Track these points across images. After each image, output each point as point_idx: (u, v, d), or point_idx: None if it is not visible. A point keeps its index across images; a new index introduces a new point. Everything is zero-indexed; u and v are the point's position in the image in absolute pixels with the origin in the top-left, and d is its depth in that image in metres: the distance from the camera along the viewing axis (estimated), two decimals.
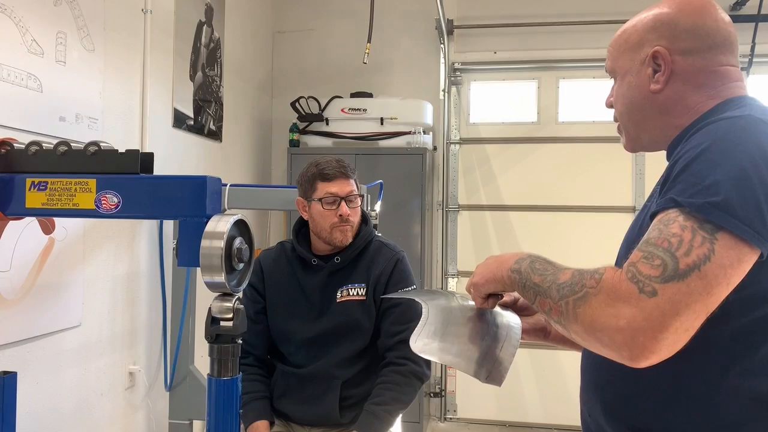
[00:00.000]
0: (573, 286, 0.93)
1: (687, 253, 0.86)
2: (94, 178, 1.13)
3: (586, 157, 4.22)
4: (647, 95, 1.11)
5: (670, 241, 0.88)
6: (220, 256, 1.03)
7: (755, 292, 0.93)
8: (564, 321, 0.94)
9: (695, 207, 0.89)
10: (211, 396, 1.08)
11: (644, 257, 0.88)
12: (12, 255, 1.99)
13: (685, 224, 0.88)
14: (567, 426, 4.03)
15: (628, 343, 0.86)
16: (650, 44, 1.10)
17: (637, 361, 0.87)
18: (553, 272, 1.00)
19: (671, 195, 0.92)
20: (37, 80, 2.10)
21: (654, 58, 1.09)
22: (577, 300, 0.91)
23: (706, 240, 0.86)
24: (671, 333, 0.84)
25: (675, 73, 1.08)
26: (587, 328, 0.90)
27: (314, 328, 2.01)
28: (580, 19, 4.12)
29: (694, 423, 0.99)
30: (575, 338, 0.95)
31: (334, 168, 1.97)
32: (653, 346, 0.84)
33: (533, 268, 1.04)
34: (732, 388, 0.96)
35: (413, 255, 3.68)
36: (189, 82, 3.21)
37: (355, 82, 4.24)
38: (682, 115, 1.09)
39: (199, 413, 2.82)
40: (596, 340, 0.90)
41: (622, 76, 1.16)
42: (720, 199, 0.87)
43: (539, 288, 1.00)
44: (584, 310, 0.90)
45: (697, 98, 1.08)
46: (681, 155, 0.97)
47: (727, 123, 0.98)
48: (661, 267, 0.86)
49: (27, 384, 2.08)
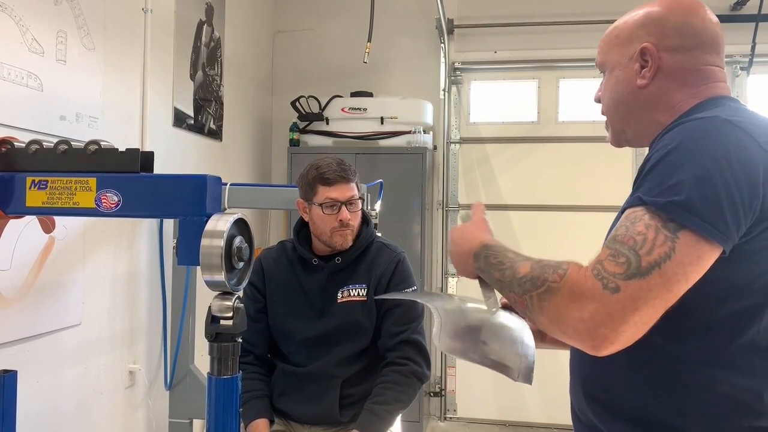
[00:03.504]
0: (534, 281, 0.99)
1: (649, 252, 0.91)
2: (94, 176, 1.13)
3: (587, 156, 4.22)
4: (633, 90, 1.15)
5: (635, 239, 0.93)
6: (220, 255, 1.03)
7: (726, 287, 0.98)
8: (530, 313, 1.01)
9: (659, 206, 0.94)
10: (211, 395, 1.08)
11: (611, 255, 0.93)
12: (12, 254, 1.99)
13: (649, 223, 0.94)
14: (567, 426, 4.01)
15: (591, 334, 0.92)
16: (639, 40, 1.13)
17: (598, 351, 0.93)
18: (510, 266, 1.06)
19: (638, 193, 0.97)
20: (38, 79, 2.10)
21: (642, 54, 1.13)
22: (542, 294, 0.97)
23: (668, 239, 0.92)
24: (630, 326, 0.90)
25: (661, 69, 1.12)
26: (552, 320, 0.97)
27: (315, 328, 2.01)
28: (580, 19, 4.12)
29: (675, 412, 1.02)
30: (542, 328, 1.02)
31: (335, 172, 1.96)
32: (613, 337, 0.91)
33: (490, 264, 1.10)
34: (707, 381, 1.00)
35: (413, 254, 3.67)
36: (189, 82, 3.21)
37: (355, 82, 4.24)
38: (665, 112, 1.12)
39: (199, 412, 2.82)
40: (561, 331, 0.96)
41: (611, 70, 1.19)
42: (682, 198, 0.92)
43: (502, 283, 1.07)
44: (549, 304, 0.96)
45: (680, 96, 1.12)
46: (652, 154, 1.02)
47: (694, 124, 1.02)
48: (625, 265, 0.91)
49: (27, 383, 2.08)
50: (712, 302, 0.98)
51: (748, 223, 0.94)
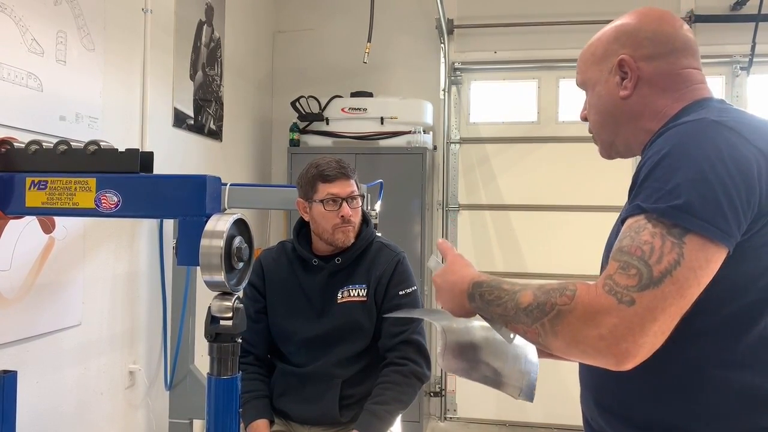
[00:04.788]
0: (542, 307, 0.97)
1: (659, 260, 0.91)
2: (93, 177, 1.13)
3: (586, 156, 4.19)
4: (617, 102, 1.17)
5: (642, 249, 0.92)
6: (219, 255, 1.03)
7: (728, 286, 0.97)
8: (543, 341, 0.98)
9: (660, 212, 0.94)
10: (211, 395, 1.08)
11: (620, 268, 0.93)
12: (12, 254, 1.99)
13: (654, 231, 0.93)
14: (567, 425, 4.03)
15: (612, 350, 0.91)
16: (615, 54, 1.16)
17: (621, 365, 0.92)
18: (510, 298, 1.03)
19: (637, 201, 0.97)
20: (38, 79, 2.10)
21: (620, 66, 1.15)
22: (553, 319, 0.96)
23: (675, 245, 0.91)
24: (650, 336, 0.90)
25: (641, 78, 1.14)
26: (570, 342, 0.95)
27: (315, 329, 2.01)
28: (580, 19, 4.11)
29: (686, 415, 1.02)
30: (557, 353, 1.00)
31: (335, 169, 1.97)
32: (635, 350, 0.90)
33: (488, 301, 1.08)
34: (717, 380, 1.00)
35: (413, 254, 3.67)
36: (189, 82, 3.21)
37: (355, 82, 4.24)
38: (652, 119, 1.14)
39: (199, 412, 2.82)
40: (581, 351, 0.95)
41: (592, 87, 1.22)
42: (682, 202, 0.92)
43: (506, 317, 1.04)
44: (563, 328, 0.95)
45: (664, 101, 1.14)
46: (645, 161, 1.02)
47: (684, 128, 1.03)
48: (637, 276, 0.91)
49: (27, 383, 2.08)
50: (718, 302, 0.98)
51: (748, 220, 0.95)
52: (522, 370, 1.11)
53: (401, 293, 2.01)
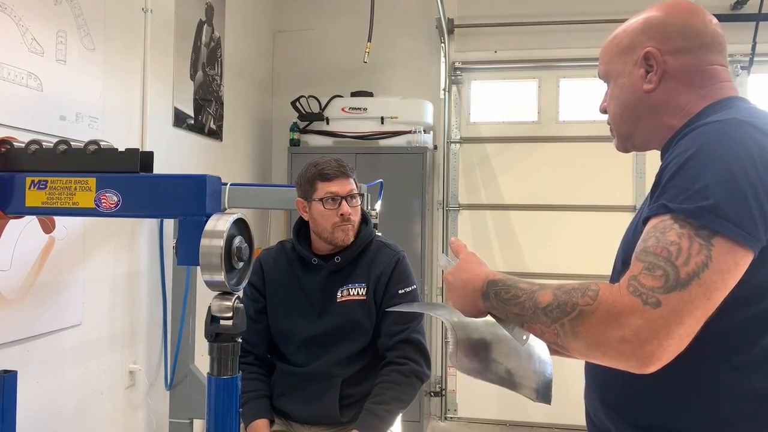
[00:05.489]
0: (563, 307, 0.95)
1: (686, 262, 0.88)
2: (93, 176, 1.13)
3: (587, 156, 4.22)
4: (640, 95, 1.14)
5: (669, 250, 0.90)
6: (219, 255, 1.03)
7: (747, 290, 0.95)
8: (562, 341, 0.96)
9: (688, 212, 0.91)
10: (211, 395, 1.08)
11: (645, 268, 0.90)
12: (12, 254, 1.99)
13: (681, 231, 0.90)
14: (568, 425, 4.03)
15: (636, 352, 0.88)
16: (641, 46, 1.13)
17: (644, 369, 0.90)
18: (528, 297, 1.01)
19: (663, 201, 0.94)
20: (38, 79, 2.10)
21: (646, 59, 1.12)
22: (574, 320, 0.93)
23: (703, 247, 0.89)
24: (676, 339, 0.87)
25: (667, 72, 1.11)
26: (591, 344, 0.92)
27: (314, 328, 2.01)
28: (580, 19, 4.12)
29: (694, 420, 1.00)
30: (576, 355, 0.97)
31: (334, 168, 1.97)
32: (660, 353, 0.88)
33: (504, 300, 1.05)
34: (728, 385, 0.98)
35: (413, 254, 3.68)
36: (189, 81, 3.21)
37: (355, 82, 4.24)
38: (674, 115, 1.12)
39: (199, 412, 2.82)
40: (602, 354, 0.92)
41: (615, 79, 1.18)
42: (711, 203, 0.90)
43: (523, 317, 1.01)
44: (585, 329, 0.92)
45: (688, 97, 1.11)
46: (670, 161, 0.99)
47: (712, 127, 1.00)
48: (663, 278, 0.88)
49: (27, 383, 2.08)
50: (737, 305, 0.95)
51: None
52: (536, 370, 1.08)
53: (401, 292, 2.01)
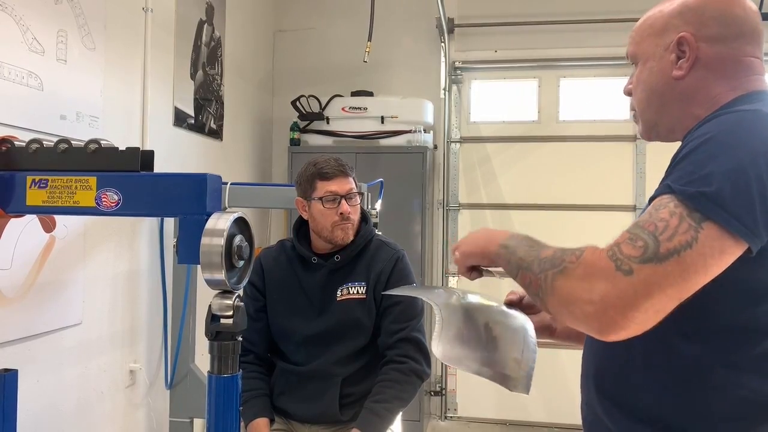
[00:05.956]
0: (554, 261, 0.96)
1: (670, 238, 0.88)
2: (94, 175, 1.13)
3: (587, 155, 4.22)
4: (669, 81, 1.10)
5: (656, 225, 0.90)
6: (220, 254, 1.03)
7: (753, 288, 0.94)
8: (542, 294, 0.97)
9: (687, 195, 0.90)
10: (211, 393, 1.08)
11: (629, 238, 0.90)
12: (13, 253, 2.00)
13: (674, 210, 0.90)
14: (568, 425, 4.03)
15: (599, 316, 0.89)
16: (676, 30, 1.08)
17: (605, 335, 0.90)
18: (539, 249, 1.02)
19: (668, 181, 0.94)
20: (38, 78, 2.11)
21: (679, 44, 1.08)
22: (556, 273, 0.94)
23: (691, 228, 0.88)
24: (641, 312, 0.87)
25: (699, 60, 1.07)
26: (562, 300, 0.93)
27: (314, 327, 2.01)
28: (580, 18, 4.12)
29: (688, 414, 0.99)
30: (551, 311, 0.98)
31: (333, 167, 1.98)
32: (622, 322, 0.87)
33: (521, 244, 1.06)
34: (725, 383, 0.97)
35: (414, 254, 3.68)
36: (190, 81, 3.21)
37: (355, 81, 4.24)
38: (702, 105, 1.07)
39: (199, 411, 2.82)
40: (569, 312, 0.93)
41: (644, 62, 1.14)
42: (712, 190, 0.88)
43: (522, 262, 1.03)
44: (561, 283, 0.93)
45: (719, 88, 1.07)
46: (687, 143, 0.97)
47: (735, 116, 0.98)
48: (642, 248, 0.88)
49: (28, 382, 2.08)
50: (737, 304, 0.95)
51: None
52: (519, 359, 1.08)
53: None
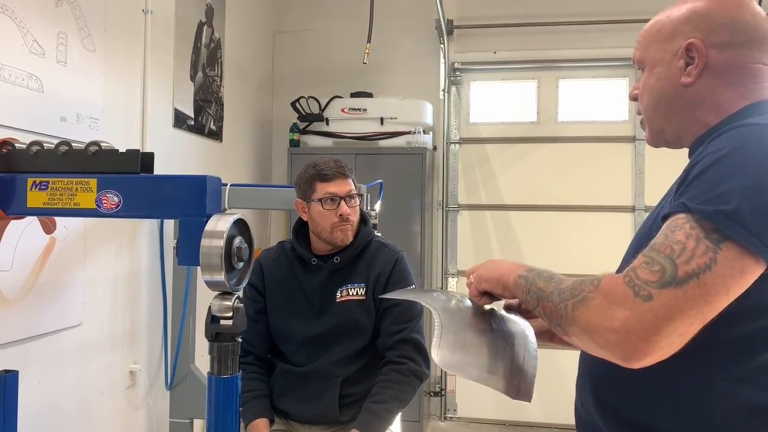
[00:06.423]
0: (573, 291, 0.96)
1: (687, 261, 0.87)
2: (94, 177, 1.14)
3: (586, 156, 4.22)
4: (677, 88, 1.08)
5: (672, 248, 0.88)
6: (219, 255, 1.04)
7: (759, 302, 0.93)
8: (563, 323, 0.97)
9: (705, 214, 0.88)
10: (211, 394, 1.08)
11: (645, 263, 0.89)
12: (13, 254, 2.00)
13: (690, 232, 0.88)
14: (567, 425, 4.03)
15: (621, 344, 0.88)
16: (684, 36, 1.07)
17: (630, 362, 0.89)
18: (558, 280, 1.02)
19: (683, 199, 0.92)
20: (38, 80, 2.11)
21: (687, 51, 1.06)
22: (576, 303, 0.94)
23: (709, 249, 0.87)
24: (664, 336, 0.86)
25: (708, 66, 1.06)
26: (584, 330, 0.93)
27: (314, 328, 2.02)
28: (580, 19, 4.12)
29: (684, 423, 0.99)
30: (574, 341, 0.97)
31: (332, 168, 1.98)
32: (646, 348, 0.86)
33: (540, 276, 1.06)
34: (723, 393, 0.97)
35: (413, 254, 3.68)
36: (189, 82, 3.22)
37: (355, 82, 4.25)
38: (710, 112, 1.06)
39: (199, 412, 2.82)
40: (592, 341, 0.92)
41: (652, 67, 1.12)
42: (731, 208, 0.87)
43: (542, 293, 1.02)
44: (581, 313, 0.93)
45: (728, 95, 1.06)
46: (699, 159, 0.96)
47: (749, 130, 0.96)
48: (660, 273, 0.87)
49: (28, 383, 2.09)
50: (742, 317, 0.93)
51: None
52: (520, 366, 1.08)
53: None
